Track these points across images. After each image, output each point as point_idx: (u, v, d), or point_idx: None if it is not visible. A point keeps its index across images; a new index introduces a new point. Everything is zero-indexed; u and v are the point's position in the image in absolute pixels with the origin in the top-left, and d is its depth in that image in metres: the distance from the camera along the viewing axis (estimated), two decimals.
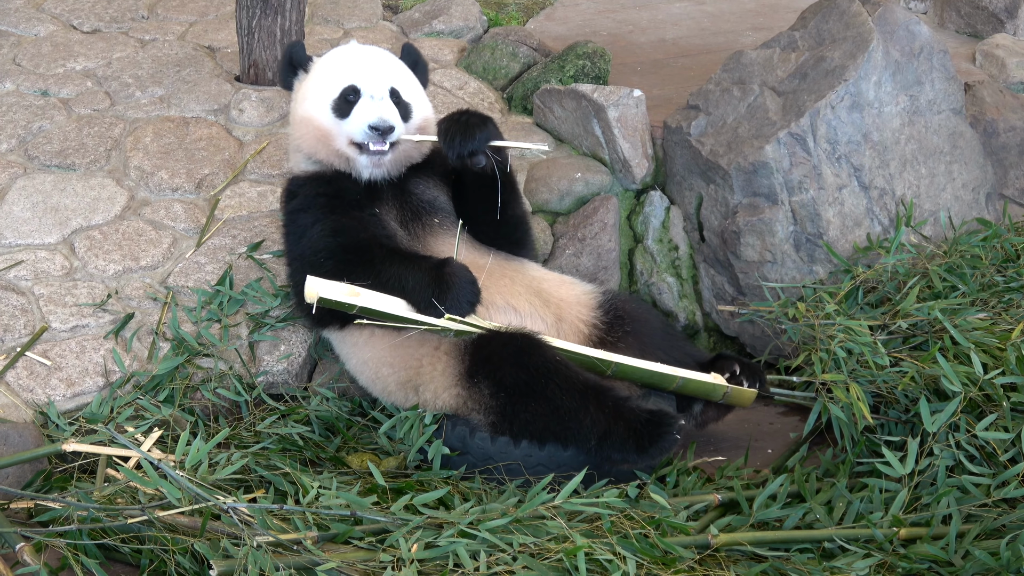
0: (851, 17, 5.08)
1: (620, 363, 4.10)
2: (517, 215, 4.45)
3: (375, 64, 4.35)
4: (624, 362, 4.11)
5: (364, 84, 4.27)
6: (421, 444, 4.02)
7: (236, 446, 4.07)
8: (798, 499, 3.86)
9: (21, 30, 6.03)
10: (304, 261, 4.19)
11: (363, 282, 4.02)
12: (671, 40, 6.47)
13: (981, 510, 3.63)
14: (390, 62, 4.43)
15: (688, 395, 4.24)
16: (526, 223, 4.54)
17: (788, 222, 4.82)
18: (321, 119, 4.29)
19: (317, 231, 4.19)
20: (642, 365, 4.13)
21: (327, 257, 4.11)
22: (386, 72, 4.35)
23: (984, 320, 4.25)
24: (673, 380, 4.16)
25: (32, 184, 4.92)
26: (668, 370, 4.15)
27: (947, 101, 5.18)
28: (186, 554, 3.39)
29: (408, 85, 4.41)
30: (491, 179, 4.23)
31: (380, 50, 4.49)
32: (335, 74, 4.32)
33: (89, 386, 4.25)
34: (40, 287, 4.50)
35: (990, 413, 3.84)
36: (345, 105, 4.26)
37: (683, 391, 4.21)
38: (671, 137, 5.15)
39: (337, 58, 4.39)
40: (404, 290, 4.01)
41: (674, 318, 5.05)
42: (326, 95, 4.29)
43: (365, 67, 4.33)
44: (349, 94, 4.27)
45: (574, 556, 3.29)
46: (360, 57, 4.37)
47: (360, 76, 4.29)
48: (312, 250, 4.17)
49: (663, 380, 4.16)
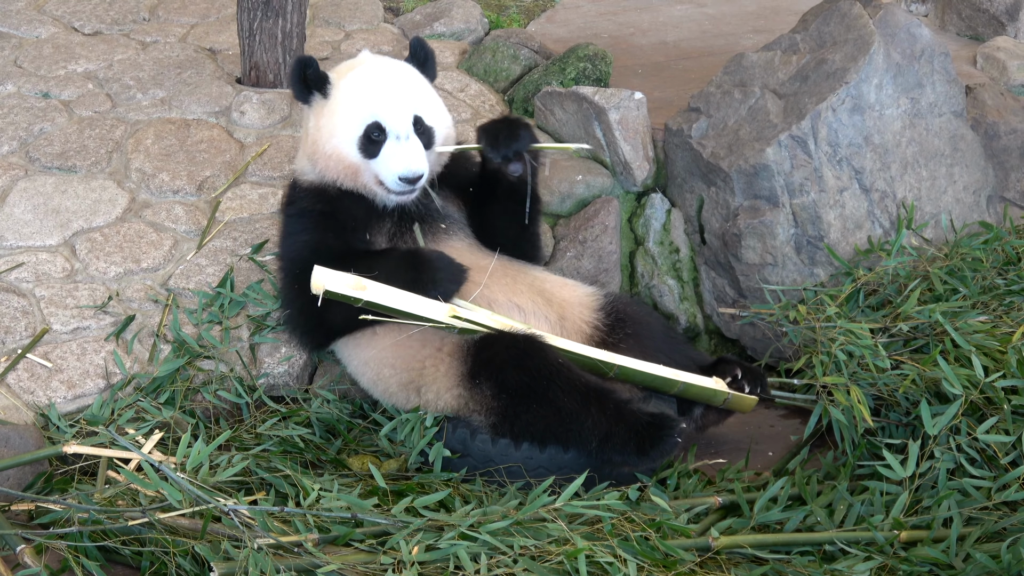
0: (852, 19, 5.08)
1: (623, 365, 4.10)
2: (538, 225, 4.50)
3: (396, 92, 4.24)
4: (627, 364, 4.11)
5: (388, 120, 4.18)
6: (422, 446, 4.02)
7: (237, 448, 4.07)
8: (799, 502, 3.87)
9: (22, 32, 6.04)
10: (288, 266, 4.25)
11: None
12: (672, 42, 6.47)
13: (982, 513, 3.64)
14: (409, 83, 4.31)
15: (689, 399, 4.25)
16: (542, 233, 4.61)
17: (789, 224, 4.82)
18: (349, 157, 4.22)
19: (302, 241, 4.23)
20: (645, 368, 4.13)
21: (303, 269, 4.10)
22: (407, 99, 4.24)
23: (985, 323, 4.25)
24: (675, 384, 4.16)
25: (33, 186, 4.92)
26: (670, 373, 4.15)
27: (948, 104, 5.18)
28: (187, 556, 3.39)
29: (428, 103, 4.32)
30: (523, 185, 4.26)
31: (398, 69, 4.35)
32: (357, 107, 4.21)
33: (90, 388, 4.25)
34: (41, 289, 4.50)
35: (991, 416, 3.84)
36: (371, 145, 4.19)
37: (684, 395, 4.21)
38: (672, 139, 5.15)
39: (357, 86, 4.26)
40: (379, 279, 4.02)
41: (675, 320, 5.05)
42: (351, 132, 4.21)
43: (387, 98, 4.21)
44: (374, 131, 4.19)
45: (575, 558, 3.29)
46: (380, 84, 4.25)
47: (383, 110, 4.19)
48: (292, 259, 4.23)
49: (665, 383, 4.16)
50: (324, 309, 3.99)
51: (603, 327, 4.31)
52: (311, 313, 4.09)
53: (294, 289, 4.18)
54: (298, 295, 4.16)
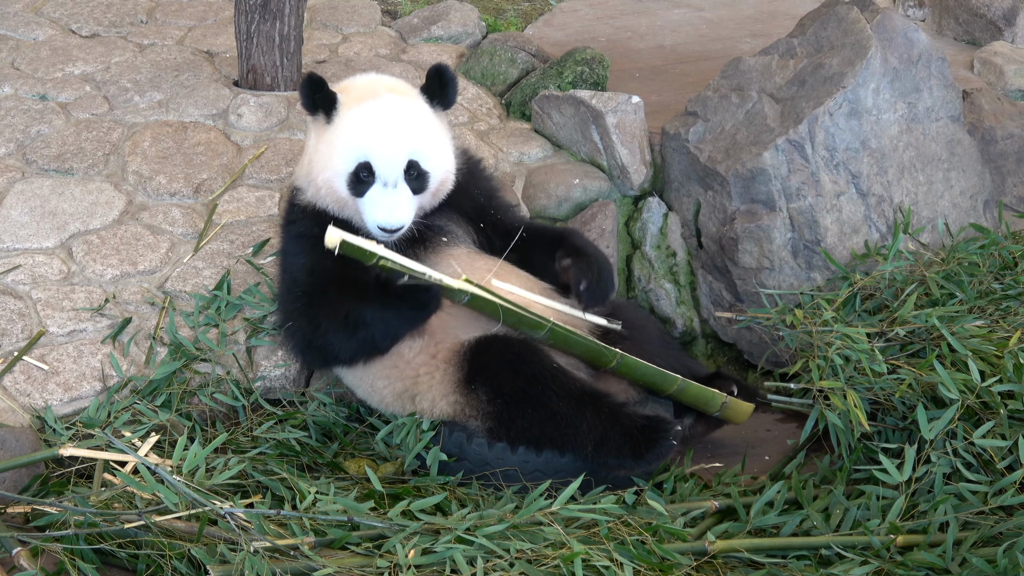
0: (849, 24, 5.08)
1: (624, 354, 4.10)
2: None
3: (393, 136, 4.15)
4: (628, 356, 4.11)
5: (378, 163, 4.12)
6: (419, 450, 4.02)
7: (233, 451, 4.07)
8: (795, 506, 3.87)
9: (20, 34, 6.03)
10: (289, 285, 4.25)
11: (329, 322, 4.08)
12: (670, 46, 6.47)
13: (978, 517, 3.63)
14: (412, 126, 4.20)
15: (685, 403, 4.24)
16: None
17: (786, 229, 4.83)
18: (338, 191, 4.18)
19: (300, 264, 4.22)
20: (645, 363, 4.14)
21: (304, 292, 4.15)
22: (402, 142, 4.15)
23: (982, 327, 4.25)
24: (674, 382, 4.16)
25: (30, 188, 4.91)
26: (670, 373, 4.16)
27: (945, 108, 5.19)
28: (183, 559, 3.39)
29: (429, 146, 4.21)
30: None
31: (404, 109, 4.22)
32: (352, 142, 4.15)
33: (87, 390, 4.24)
34: (38, 291, 4.50)
35: (987, 420, 3.84)
36: (359, 184, 4.15)
37: (681, 397, 4.21)
38: (669, 143, 5.16)
39: (356, 123, 4.18)
40: (366, 325, 4.03)
41: (672, 325, 5.05)
42: (342, 167, 4.15)
43: (381, 138, 4.13)
44: (363, 171, 4.14)
45: (571, 562, 3.29)
46: (379, 125, 4.16)
47: (375, 151, 4.13)
48: (294, 279, 4.23)
49: (664, 380, 4.16)
50: (324, 336, 4.07)
51: (600, 329, 4.31)
52: (310, 337, 4.14)
53: (295, 309, 4.19)
54: (298, 316, 4.18)
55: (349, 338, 4.07)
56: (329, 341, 4.10)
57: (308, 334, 4.15)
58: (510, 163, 5.31)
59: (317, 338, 4.13)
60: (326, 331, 4.09)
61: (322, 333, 4.10)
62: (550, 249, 4.35)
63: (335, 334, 4.08)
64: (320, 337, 4.11)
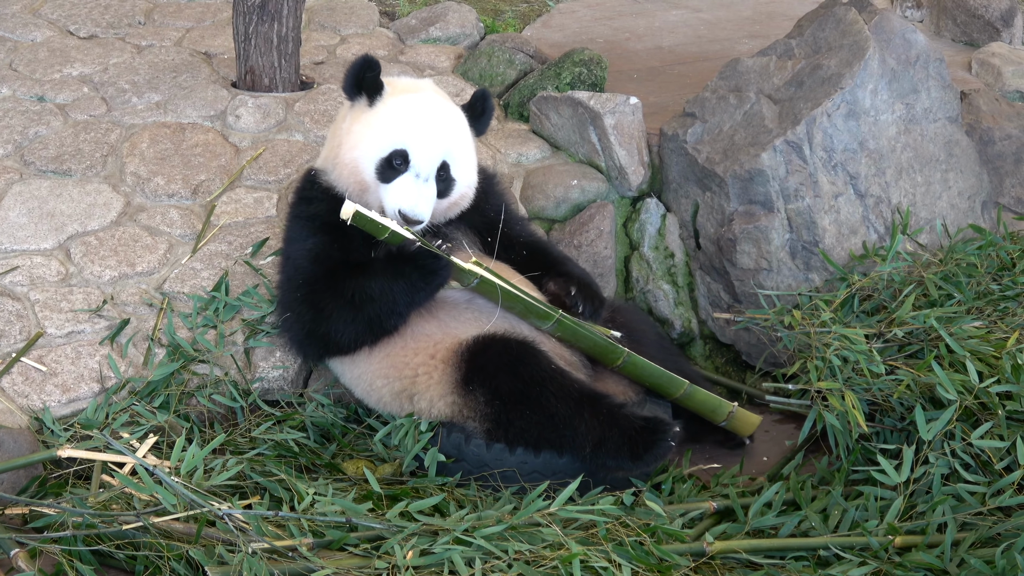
0: (847, 25, 5.08)
1: (632, 355, 4.10)
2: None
3: (434, 129, 4.15)
4: (636, 356, 4.11)
5: (415, 154, 4.11)
6: (417, 451, 4.02)
7: (231, 452, 4.06)
8: (794, 507, 3.87)
9: (18, 35, 6.03)
10: (292, 272, 4.23)
11: (333, 305, 4.08)
12: (668, 47, 6.48)
13: (976, 518, 3.63)
14: (451, 125, 4.22)
15: (690, 409, 4.23)
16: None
17: (784, 230, 4.83)
18: (364, 172, 4.15)
19: (304, 249, 4.20)
20: (652, 364, 4.14)
21: (306, 279, 4.14)
22: (443, 141, 4.16)
23: (980, 328, 4.25)
24: (680, 386, 4.15)
25: (28, 189, 4.91)
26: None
27: (943, 109, 5.19)
28: (181, 560, 3.39)
29: (461, 154, 4.24)
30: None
31: (449, 111, 4.25)
32: (393, 127, 4.14)
33: (84, 392, 4.24)
34: (36, 292, 4.50)
35: (985, 421, 3.84)
36: (388, 170, 4.12)
37: (687, 402, 4.20)
38: (667, 144, 5.16)
39: (402, 110, 4.17)
40: (373, 300, 4.03)
41: (670, 325, 5.05)
42: (375, 150, 4.14)
43: (423, 132, 4.13)
44: (396, 159, 4.12)
45: (569, 563, 3.29)
46: (424, 117, 4.16)
47: (414, 142, 4.12)
48: (297, 266, 4.21)
49: (670, 384, 4.16)
50: (327, 322, 4.06)
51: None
52: (311, 326, 4.13)
53: (296, 298, 4.18)
54: (299, 304, 4.17)
55: (354, 318, 4.06)
56: (332, 326, 4.08)
57: (309, 322, 4.14)
58: (508, 164, 5.32)
59: (320, 325, 4.11)
60: (330, 315, 4.08)
61: (325, 318, 4.09)
62: (546, 273, 4.37)
63: (339, 317, 4.07)
64: (323, 324, 4.10)
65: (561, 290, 4.21)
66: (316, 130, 5.30)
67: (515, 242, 4.42)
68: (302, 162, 5.11)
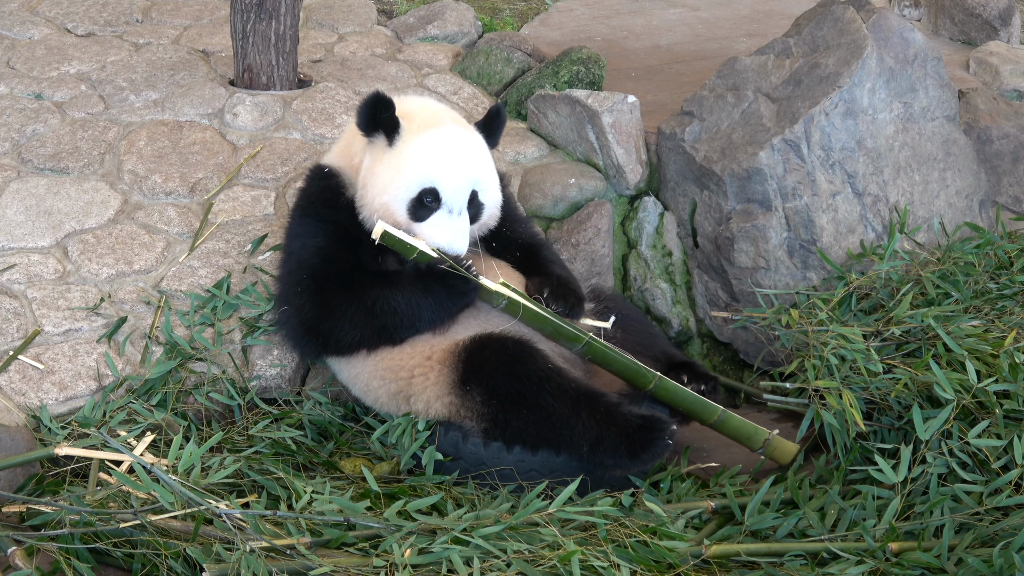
0: (845, 24, 5.08)
1: (663, 379, 4.11)
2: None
3: (461, 164, 4.15)
4: (667, 380, 4.13)
5: (445, 191, 4.12)
6: (414, 450, 4.02)
7: (229, 450, 4.06)
8: (792, 506, 3.86)
9: (15, 33, 6.02)
10: (295, 269, 4.21)
11: (344, 307, 4.09)
12: (665, 46, 6.47)
13: (974, 518, 3.63)
14: (475, 155, 4.23)
15: (724, 435, 4.20)
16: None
17: (782, 228, 4.83)
18: (396, 214, 4.12)
19: (315, 246, 4.19)
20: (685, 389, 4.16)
21: (312, 275, 4.14)
22: (470, 173, 4.16)
23: (977, 327, 4.25)
24: (715, 412, 4.12)
25: (25, 187, 4.91)
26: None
27: (941, 108, 5.19)
28: (178, 559, 3.38)
29: (488, 178, 4.25)
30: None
31: (469, 140, 4.24)
32: (420, 167, 4.11)
33: (82, 390, 4.24)
34: (33, 290, 4.49)
35: (983, 420, 3.84)
36: (421, 209, 4.11)
37: (721, 428, 4.16)
38: (665, 143, 5.16)
39: (425, 149, 4.14)
40: (396, 312, 4.05)
41: (667, 324, 5.05)
42: (405, 192, 4.11)
43: (451, 169, 4.12)
44: (427, 196, 4.11)
45: (568, 562, 3.29)
46: (448, 154, 4.15)
47: (444, 180, 4.11)
48: (301, 262, 4.20)
49: (704, 409, 4.13)
50: (334, 323, 4.08)
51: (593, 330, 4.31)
52: (312, 322, 4.14)
53: (297, 293, 4.18)
54: (300, 299, 4.16)
55: (366, 324, 4.07)
56: (337, 326, 4.09)
57: (310, 319, 4.15)
58: (506, 163, 5.31)
59: (323, 323, 4.12)
60: (339, 315, 4.08)
61: (331, 317, 4.09)
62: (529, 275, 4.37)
63: (349, 319, 4.08)
64: (326, 322, 4.10)
65: (536, 290, 4.21)
66: (314, 128, 5.30)
67: (513, 243, 4.42)
68: (300, 160, 5.10)
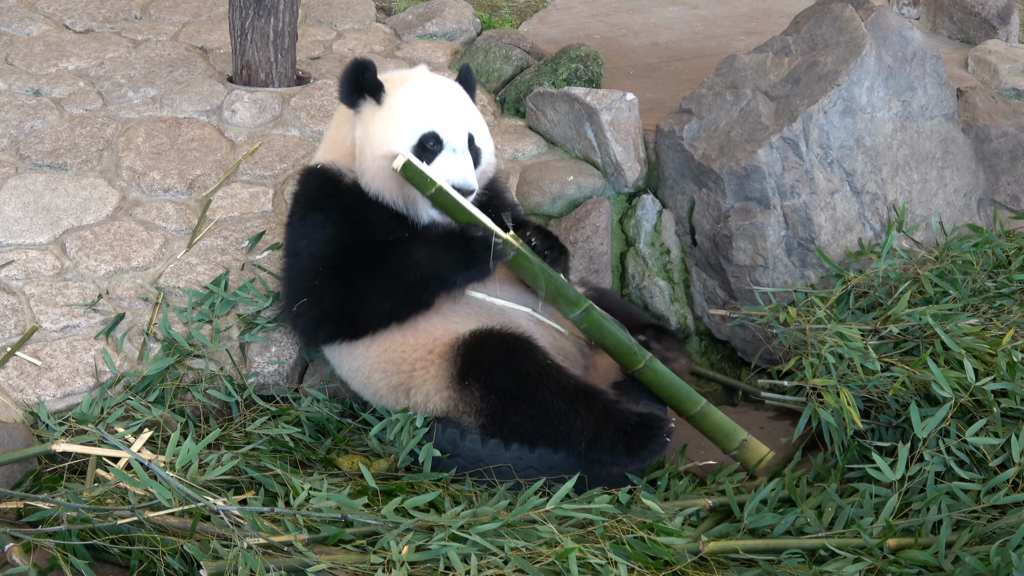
0: (844, 22, 5.08)
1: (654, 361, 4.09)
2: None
3: (454, 107, 4.22)
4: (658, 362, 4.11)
5: (445, 132, 4.15)
6: (412, 446, 4.02)
7: (226, 447, 4.06)
8: (789, 504, 3.86)
9: (14, 29, 6.02)
10: (308, 263, 4.17)
11: (368, 281, 4.06)
12: (664, 44, 6.47)
13: (971, 516, 3.63)
14: (465, 100, 4.30)
15: (701, 431, 4.18)
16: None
17: (780, 226, 4.83)
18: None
19: (325, 237, 4.16)
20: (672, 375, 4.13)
21: (328, 266, 4.11)
22: (463, 113, 4.23)
23: (975, 326, 4.25)
24: (696, 404, 4.10)
25: (23, 184, 4.91)
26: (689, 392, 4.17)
27: (939, 107, 5.19)
28: (176, 555, 3.39)
29: (478, 124, 4.31)
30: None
31: (455, 87, 4.33)
32: (414, 115, 4.16)
33: (79, 386, 4.24)
34: (31, 287, 4.49)
35: (980, 419, 3.84)
36: (424, 154, 4.13)
37: (699, 423, 4.12)
38: (664, 141, 5.16)
39: (414, 95, 4.21)
40: (417, 264, 4.03)
41: (665, 321, 5.05)
42: (404, 138, 4.13)
43: (445, 111, 4.18)
44: (429, 140, 4.14)
45: (565, 559, 3.29)
46: (438, 97, 4.21)
47: (441, 122, 4.16)
48: (313, 256, 4.16)
49: (688, 399, 4.11)
50: (362, 298, 4.04)
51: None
52: (332, 307, 4.10)
53: (315, 285, 4.13)
54: (318, 289, 4.12)
55: (393, 290, 4.04)
56: (365, 303, 4.06)
57: (333, 306, 4.10)
58: (504, 160, 5.31)
59: (348, 306, 4.08)
60: (364, 291, 4.05)
61: (357, 297, 4.06)
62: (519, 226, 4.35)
63: (377, 292, 4.04)
64: (352, 304, 4.07)
65: (523, 238, 4.17)
66: (312, 125, 5.30)
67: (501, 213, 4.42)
68: (298, 157, 5.10)
